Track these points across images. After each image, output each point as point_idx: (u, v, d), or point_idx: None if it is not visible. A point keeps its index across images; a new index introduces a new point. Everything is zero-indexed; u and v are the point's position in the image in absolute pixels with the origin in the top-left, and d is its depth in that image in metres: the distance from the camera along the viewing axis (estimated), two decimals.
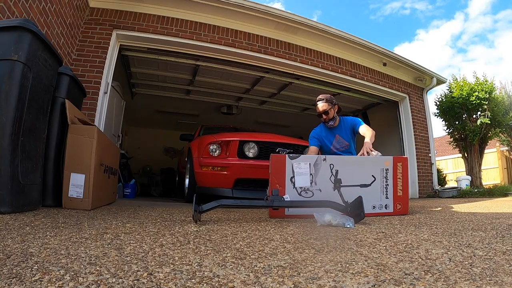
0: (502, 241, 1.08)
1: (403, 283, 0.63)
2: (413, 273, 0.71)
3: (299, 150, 3.24)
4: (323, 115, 2.65)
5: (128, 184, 4.63)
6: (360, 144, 2.35)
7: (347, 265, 0.78)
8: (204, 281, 0.64)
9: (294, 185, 1.94)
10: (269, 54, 4.40)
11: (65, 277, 0.63)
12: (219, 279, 0.66)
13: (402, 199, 2.08)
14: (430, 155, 5.87)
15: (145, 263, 0.76)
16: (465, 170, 6.84)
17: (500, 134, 7.25)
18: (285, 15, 4.27)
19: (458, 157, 8.77)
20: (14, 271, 0.66)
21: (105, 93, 3.56)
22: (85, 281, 0.61)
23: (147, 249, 0.92)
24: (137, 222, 1.49)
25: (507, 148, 8.46)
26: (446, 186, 7.02)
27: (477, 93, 6.11)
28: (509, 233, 1.26)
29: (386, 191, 2.05)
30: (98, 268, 0.70)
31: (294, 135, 5.45)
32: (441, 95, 6.90)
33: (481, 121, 6.11)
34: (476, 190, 5.49)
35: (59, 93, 2.05)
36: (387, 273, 0.70)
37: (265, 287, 0.61)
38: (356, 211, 1.67)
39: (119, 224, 1.41)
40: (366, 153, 2.19)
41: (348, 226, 1.47)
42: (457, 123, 6.62)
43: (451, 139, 6.99)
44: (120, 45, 3.85)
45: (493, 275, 0.69)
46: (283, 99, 6.40)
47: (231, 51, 4.19)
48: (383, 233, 1.30)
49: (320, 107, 2.65)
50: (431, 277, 0.67)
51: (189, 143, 4.06)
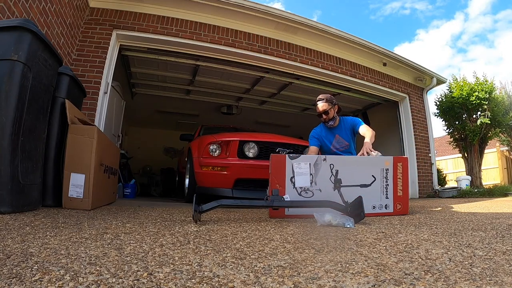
0: (502, 241, 1.08)
1: (403, 283, 0.63)
2: (413, 273, 0.71)
3: (299, 150, 3.24)
4: (323, 115, 2.65)
5: (128, 184, 4.63)
6: (360, 144, 2.35)
7: (347, 265, 0.78)
8: (204, 281, 0.64)
9: (294, 185, 1.94)
10: (269, 54, 4.40)
11: (65, 277, 0.63)
12: (219, 279, 0.66)
13: (402, 199, 2.08)
14: (430, 155, 5.87)
15: (145, 263, 0.76)
16: (465, 170, 6.84)
17: (500, 134, 7.25)
18: (285, 15, 4.27)
19: (458, 157, 8.77)
20: (14, 271, 0.66)
21: (105, 93, 3.56)
22: (85, 281, 0.61)
23: (147, 249, 0.92)
24: (137, 222, 1.49)
25: (507, 148, 8.46)
26: (446, 186, 7.02)
27: (477, 93, 6.11)
28: (509, 233, 1.25)
29: (386, 191, 2.05)
30: (98, 268, 0.70)
31: (294, 135, 5.44)
32: (441, 95, 6.91)
33: (481, 121, 6.11)
34: (476, 190, 5.49)
35: (59, 93, 2.05)
36: (387, 273, 0.70)
37: (265, 287, 0.61)
38: (356, 211, 1.67)
39: (119, 224, 1.41)
40: (366, 153, 2.19)
41: (348, 226, 1.47)
42: (457, 123, 6.62)
43: (451, 139, 6.99)
44: (120, 45, 3.85)
45: (493, 275, 0.69)
46: (283, 99, 6.40)
47: (231, 51, 4.20)
48: (383, 233, 1.30)
49: (320, 107, 2.65)
50: (431, 277, 0.67)
51: (189, 143, 4.06)
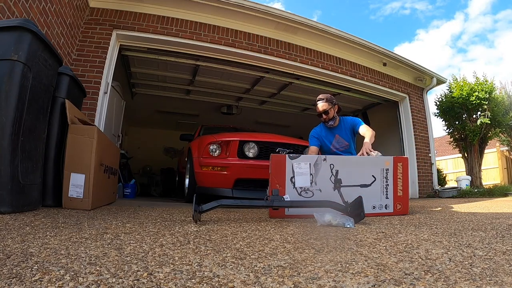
0: (502, 241, 1.08)
1: (403, 283, 0.63)
2: (413, 273, 0.71)
3: (299, 150, 3.24)
4: (323, 114, 2.65)
5: (128, 184, 4.63)
6: (360, 144, 2.35)
7: (347, 265, 0.78)
8: (204, 281, 0.64)
9: (294, 185, 1.94)
10: (269, 54, 4.40)
11: (65, 277, 0.63)
12: (219, 279, 0.66)
13: (402, 199, 2.08)
14: (430, 155, 5.87)
15: (145, 263, 0.76)
16: (465, 170, 6.84)
17: (500, 134, 7.25)
18: (285, 15, 4.27)
19: (458, 157, 8.77)
20: (14, 271, 0.66)
21: (105, 93, 3.56)
22: (85, 281, 0.61)
23: (147, 249, 0.92)
24: (137, 222, 1.49)
25: (507, 148, 8.46)
26: (446, 186, 7.02)
27: (477, 93, 6.11)
28: (509, 233, 1.26)
29: (386, 191, 2.05)
30: (98, 268, 0.70)
31: (294, 135, 5.44)
32: (441, 95, 6.91)
33: (481, 121, 6.11)
34: (476, 190, 5.49)
35: (59, 93, 2.05)
36: (387, 273, 0.70)
37: (265, 287, 0.61)
38: (356, 211, 1.67)
39: (119, 224, 1.41)
40: (366, 153, 2.19)
41: (348, 226, 1.47)
42: (457, 123, 6.62)
43: (451, 139, 6.99)
44: (120, 45, 3.85)
45: (493, 275, 0.69)
46: (283, 99, 6.40)
47: (231, 51, 4.19)
48: (383, 233, 1.30)
49: (320, 106, 2.65)
50: (431, 277, 0.67)
51: (189, 143, 4.06)
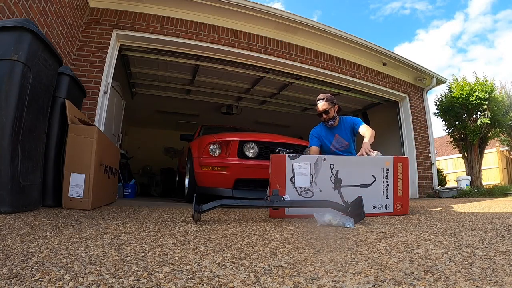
0: (502, 241, 1.08)
1: (403, 283, 0.63)
2: (413, 273, 0.71)
3: (299, 150, 3.24)
4: (323, 114, 2.65)
5: (128, 184, 4.63)
6: (360, 144, 2.35)
7: (347, 265, 0.78)
8: (204, 281, 0.64)
9: (294, 185, 1.94)
10: (269, 54, 4.40)
11: (65, 277, 0.63)
12: (219, 279, 0.66)
13: (402, 199, 2.08)
14: (430, 155, 5.87)
15: (145, 263, 0.76)
16: (465, 170, 6.84)
17: (500, 134, 7.25)
18: (285, 15, 4.27)
19: (458, 157, 8.77)
20: (14, 271, 0.66)
21: (105, 93, 3.56)
22: (85, 281, 0.61)
23: (147, 249, 0.92)
24: (137, 222, 1.49)
25: (507, 148, 8.46)
26: (446, 186, 7.02)
27: (477, 93, 6.11)
28: (509, 233, 1.26)
29: (386, 191, 2.05)
30: (98, 268, 0.70)
31: (294, 135, 5.44)
32: (441, 95, 6.91)
33: (481, 121, 6.11)
34: (476, 190, 5.49)
35: (59, 93, 2.05)
36: (387, 273, 0.70)
37: (265, 287, 0.61)
38: (356, 211, 1.67)
39: (119, 224, 1.41)
40: (365, 153, 2.19)
41: (348, 226, 1.47)
42: (457, 123, 6.62)
43: (451, 139, 6.99)
44: (120, 45, 3.85)
45: (493, 275, 0.69)
46: (283, 99, 6.40)
47: (231, 51, 4.19)
48: (383, 233, 1.30)
49: (320, 106, 2.65)
50: (431, 277, 0.67)
51: (189, 143, 4.06)
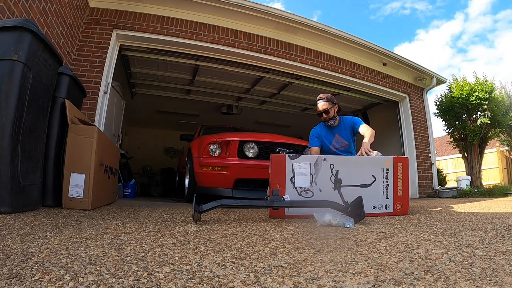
0: (502, 241, 1.08)
1: (403, 283, 0.63)
2: (413, 273, 0.71)
3: (299, 150, 3.24)
4: (323, 114, 2.65)
5: (128, 184, 4.63)
6: (360, 144, 2.35)
7: (347, 265, 0.78)
8: (204, 281, 0.64)
9: (294, 185, 1.94)
10: (269, 54, 4.40)
11: (65, 277, 0.63)
12: (219, 279, 0.66)
13: (402, 199, 2.08)
14: (430, 155, 5.87)
15: (145, 263, 0.76)
16: (465, 170, 6.84)
17: (500, 134, 7.25)
18: (285, 15, 4.27)
19: (458, 157, 8.77)
20: (14, 271, 0.66)
21: (105, 93, 3.56)
22: (85, 281, 0.61)
23: (147, 249, 0.92)
24: (137, 222, 1.49)
25: (507, 148, 8.46)
26: (446, 186, 7.02)
27: (477, 93, 6.11)
28: (509, 233, 1.26)
29: (386, 191, 2.05)
30: (98, 268, 0.70)
31: (294, 135, 5.44)
32: (441, 95, 6.91)
33: (481, 121, 6.11)
34: (476, 190, 5.49)
35: (59, 93, 2.05)
36: (387, 273, 0.70)
37: (265, 287, 0.61)
38: (356, 211, 1.67)
39: (119, 224, 1.41)
40: (365, 153, 2.19)
41: (348, 226, 1.47)
42: (457, 123, 6.62)
43: (451, 139, 6.99)
44: (120, 45, 3.85)
45: (493, 275, 0.69)
46: (283, 99, 6.40)
47: (231, 51, 4.19)
48: (383, 233, 1.30)
49: (320, 106, 2.65)
50: (431, 277, 0.67)
51: (189, 143, 4.06)
